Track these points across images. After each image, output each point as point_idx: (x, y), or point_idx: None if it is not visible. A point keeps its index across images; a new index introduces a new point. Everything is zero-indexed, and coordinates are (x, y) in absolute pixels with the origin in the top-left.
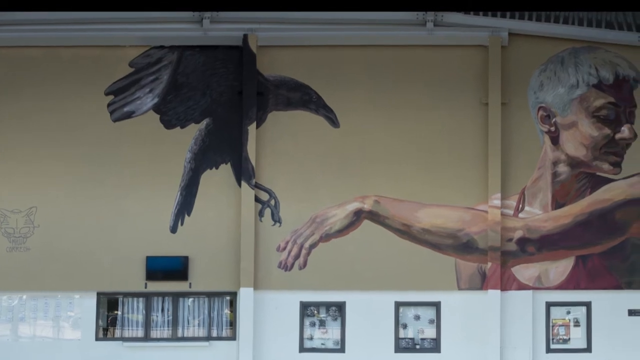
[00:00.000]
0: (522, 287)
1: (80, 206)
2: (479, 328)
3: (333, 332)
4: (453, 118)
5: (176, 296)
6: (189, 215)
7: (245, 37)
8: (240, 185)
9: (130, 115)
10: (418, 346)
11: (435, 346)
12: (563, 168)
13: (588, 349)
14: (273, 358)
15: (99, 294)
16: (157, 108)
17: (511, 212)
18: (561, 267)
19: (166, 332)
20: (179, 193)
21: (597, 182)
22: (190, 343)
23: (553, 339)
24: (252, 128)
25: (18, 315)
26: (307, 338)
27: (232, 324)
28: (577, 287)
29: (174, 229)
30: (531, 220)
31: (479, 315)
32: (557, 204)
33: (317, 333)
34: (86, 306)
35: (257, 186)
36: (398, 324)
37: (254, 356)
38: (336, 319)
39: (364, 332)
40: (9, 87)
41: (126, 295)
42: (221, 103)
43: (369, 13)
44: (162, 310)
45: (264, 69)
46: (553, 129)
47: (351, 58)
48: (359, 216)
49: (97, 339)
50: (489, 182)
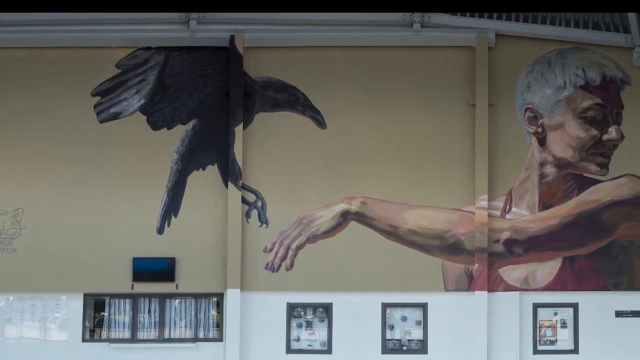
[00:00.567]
0: (509, 289)
1: (67, 207)
2: (466, 329)
3: (320, 334)
4: (440, 119)
5: (163, 297)
6: (176, 216)
7: (232, 38)
8: (227, 186)
9: (117, 116)
10: (405, 347)
11: (422, 347)
12: (550, 169)
13: (575, 351)
14: (260, 359)
15: (86, 295)
16: (144, 109)
17: (498, 214)
18: (548, 269)
19: (153, 334)
20: (166, 194)
21: (584, 183)
22: (177, 344)
23: (540, 341)
24: (239, 129)
25: (5, 316)
26: (294, 339)
27: (219, 325)
28: (564, 289)
29: (161, 230)
30: (518, 221)
31: (466, 316)
32: (544, 205)
33: (304, 334)
34: (73, 307)
35: (244, 187)
36: (385, 325)
37: (241, 357)
38: (323, 320)
39: (351, 334)
40: None
41: (113, 296)
42: (208, 104)
43: (356, 14)
44: (149, 311)
45: (251, 70)
46: (540, 130)
47: (338, 59)
48: (346, 217)
49: (84, 340)
50: (476, 183)
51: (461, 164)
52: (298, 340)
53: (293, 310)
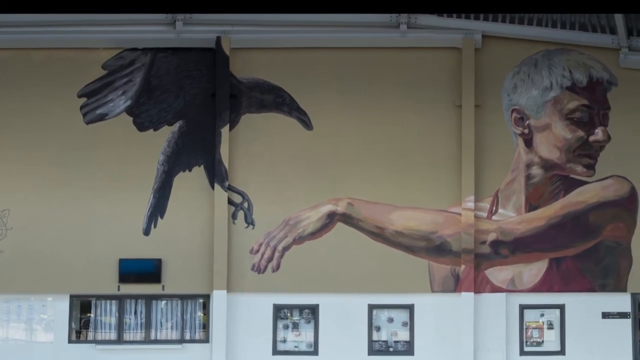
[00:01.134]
0: (496, 290)
1: (53, 209)
2: (453, 331)
3: (306, 335)
4: (426, 120)
5: (149, 299)
6: (162, 217)
7: (218, 39)
8: (213, 187)
9: (103, 117)
10: (391, 349)
11: (408, 349)
12: (536, 170)
13: (562, 352)
14: None
15: (72, 297)
16: (130, 110)
17: (485, 215)
18: (535, 270)
19: (139, 335)
20: (152, 195)
21: (571, 185)
22: (163, 346)
23: (527, 342)
24: (225, 130)
25: None
26: (281, 341)
27: (205, 327)
28: (551, 290)
29: (147, 232)
30: (505, 222)
31: (453, 317)
32: (531, 207)
33: (291, 336)
34: (59, 309)
35: (230, 188)
36: (371, 327)
37: (227, 359)
38: (309, 322)
39: (338, 335)
40: None
41: (99, 297)
42: (194, 105)
43: (343, 15)
44: (135, 312)
45: (237, 71)
46: (526, 132)
47: (324, 60)
48: (332, 218)
49: (70, 342)
50: (463, 185)
51: (448, 165)
52: (284, 341)
53: (279, 311)
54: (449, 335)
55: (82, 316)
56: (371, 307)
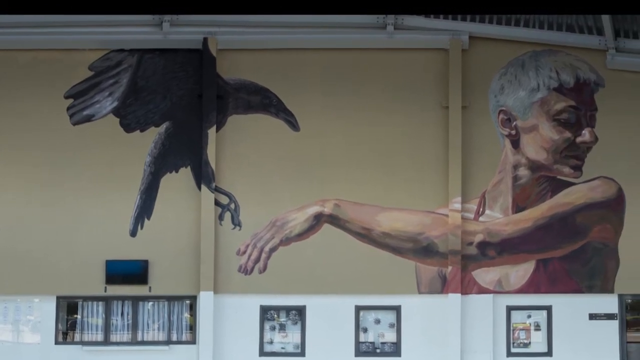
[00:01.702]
0: (483, 291)
1: (40, 210)
2: (440, 332)
3: (293, 336)
4: (413, 121)
5: (136, 300)
6: (149, 219)
7: (205, 41)
8: (200, 188)
9: (89, 118)
10: (378, 350)
11: (395, 350)
12: (524, 172)
13: (549, 353)
14: None
15: (59, 298)
16: (117, 111)
17: (472, 216)
18: (522, 271)
19: (126, 336)
20: (139, 197)
21: (558, 186)
22: (150, 347)
23: (514, 343)
24: (212, 131)
25: None
26: (267, 342)
27: (192, 328)
28: (538, 291)
29: (134, 233)
30: (492, 224)
31: (440, 319)
32: (518, 208)
33: (277, 337)
34: (46, 310)
35: (217, 190)
36: (358, 328)
37: None
38: (296, 323)
39: (324, 336)
40: None
41: (86, 299)
42: (181, 106)
43: (329, 16)
44: (122, 314)
45: (224, 72)
46: (514, 133)
47: (311, 61)
48: (319, 220)
49: (57, 343)
50: (450, 186)
51: (435, 167)
52: (271, 342)
53: (266, 312)
54: (436, 336)
55: (69, 317)
56: (358, 309)
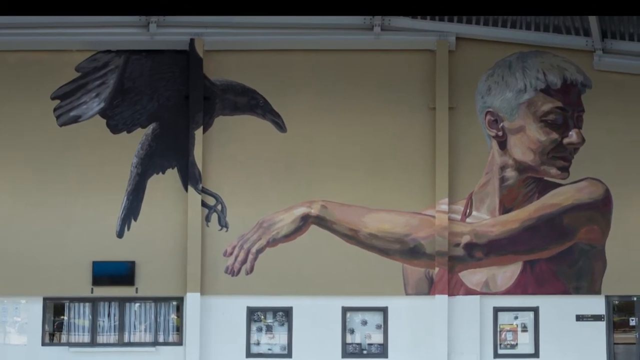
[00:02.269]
0: (470, 292)
1: (26, 211)
2: (427, 333)
3: (280, 337)
4: (400, 123)
5: (123, 301)
6: (136, 220)
7: (191, 42)
8: (187, 190)
9: (76, 119)
10: (365, 351)
11: (382, 351)
12: (511, 173)
13: (536, 355)
14: None
15: (45, 299)
16: (104, 113)
17: (458, 217)
18: (509, 272)
19: (112, 338)
20: (126, 198)
21: (545, 187)
22: (136, 348)
23: (501, 344)
24: (199, 133)
25: None
26: (254, 343)
27: (179, 329)
28: (525, 292)
29: (121, 234)
30: (479, 225)
31: (427, 320)
32: (505, 209)
33: (264, 338)
34: (32, 311)
35: (204, 191)
36: (345, 329)
37: None
38: (283, 324)
39: (311, 338)
40: None
41: (72, 300)
42: (168, 108)
43: (316, 17)
44: (109, 315)
45: (211, 74)
46: (501, 134)
47: (298, 62)
48: (306, 221)
49: (44, 344)
50: (437, 187)
51: (422, 168)
52: (258, 344)
53: (253, 314)
54: (423, 337)
55: (56, 319)
56: (345, 310)
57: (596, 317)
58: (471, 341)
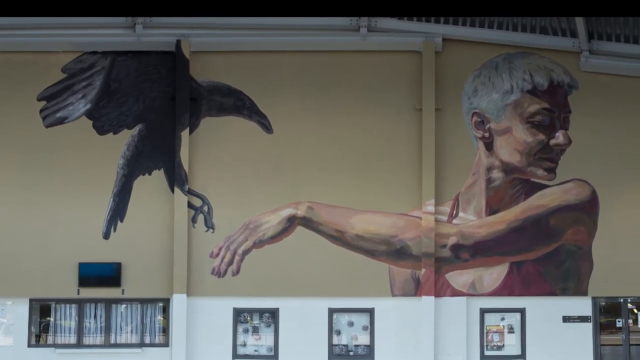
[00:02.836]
0: (456, 294)
1: (12, 212)
2: (413, 334)
3: (266, 339)
4: (387, 124)
5: (109, 302)
6: (122, 221)
7: (178, 43)
8: (173, 191)
9: (62, 121)
10: (352, 353)
11: (369, 353)
12: (497, 174)
13: (522, 356)
14: None
15: (32, 301)
16: (90, 114)
17: (445, 219)
18: (495, 274)
19: (99, 339)
20: (112, 199)
21: (532, 188)
22: (123, 350)
23: (487, 346)
24: (185, 134)
25: None
26: (240, 344)
27: (165, 331)
28: (512, 294)
29: (107, 235)
30: (465, 226)
31: (413, 321)
32: (491, 210)
33: (251, 339)
34: (18, 313)
35: (190, 192)
36: (332, 331)
37: None
38: (269, 326)
39: (298, 339)
40: None
41: (59, 301)
42: (154, 109)
43: (303, 18)
44: (95, 316)
45: (197, 75)
46: (487, 135)
47: (285, 63)
48: (293, 222)
49: (30, 346)
50: (423, 188)
51: (408, 169)
52: (244, 345)
53: (239, 315)
54: (410, 339)
55: (42, 320)
56: (331, 311)
57: (583, 319)
58: (458, 342)
